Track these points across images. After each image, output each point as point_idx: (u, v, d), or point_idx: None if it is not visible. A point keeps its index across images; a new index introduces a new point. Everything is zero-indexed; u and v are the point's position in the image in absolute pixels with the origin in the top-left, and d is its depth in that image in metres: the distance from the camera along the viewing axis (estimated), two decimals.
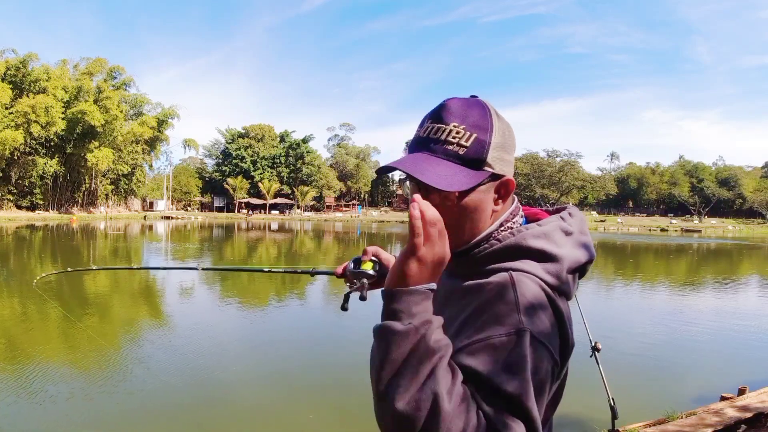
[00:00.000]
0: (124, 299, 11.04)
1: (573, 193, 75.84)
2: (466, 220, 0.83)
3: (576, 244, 0.87)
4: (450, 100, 0.84)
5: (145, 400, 5.13)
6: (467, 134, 0.81)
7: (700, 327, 9.29)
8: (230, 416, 4.78)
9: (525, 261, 0.81)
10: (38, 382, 5.47)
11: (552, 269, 0.81)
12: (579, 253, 0.86)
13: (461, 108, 0.83)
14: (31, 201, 54.44)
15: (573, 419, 4.62)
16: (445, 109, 0.83)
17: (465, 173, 0.80)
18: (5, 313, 9.03)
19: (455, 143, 0.81)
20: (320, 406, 5.24)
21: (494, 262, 0.82)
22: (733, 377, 5.86)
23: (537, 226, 0.85)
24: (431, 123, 0.84)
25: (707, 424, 3.86)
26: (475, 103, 0.84)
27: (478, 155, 0.81)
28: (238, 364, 6.58)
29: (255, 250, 25.24)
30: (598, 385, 2.68)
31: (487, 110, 0.83)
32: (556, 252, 0.83)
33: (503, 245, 0.83)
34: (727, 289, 15.18)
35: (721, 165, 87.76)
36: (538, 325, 0.75)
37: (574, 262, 0.85)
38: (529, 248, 0.82)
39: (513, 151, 0.87)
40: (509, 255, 0.82)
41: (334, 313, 10.29)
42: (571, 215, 0.91)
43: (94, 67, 57.29)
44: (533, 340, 0.73)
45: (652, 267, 21.29)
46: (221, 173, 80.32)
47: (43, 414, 4.70)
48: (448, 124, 0.81)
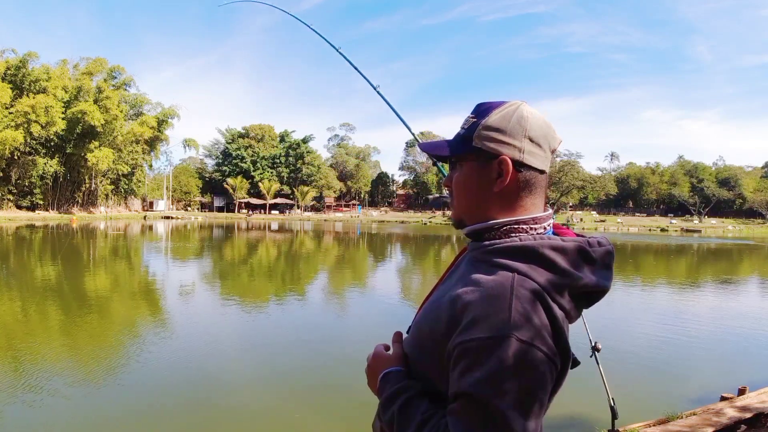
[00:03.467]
0: (123, 299, 11.04)
1: (573, 193, 75.64)
2: (460, 193, 0.94)
3: (592, 271, 0.85)
4: (481, 103, 0.95)
5: (144, 401, 5.14)
6: (470, 119, 0.93)
7: (700, 327, 9.30)
8: (230, 417, 4.78)
9: (534, 267, 0.82)
10: (38, 382, 5.48)
11: (557, 282, 0.82)
12: (591, 279, 0.85)
13: (485, 104, 0.93)
14: (31, 201, 54.44)
15: (573, 419, 4.62)
16: (475, 108, 0.95)
17: (453, 148, 0.94)
18: (5, 312, 9.02)
19: (461, 128, 0.94)
20: (319, 406, 5.24)
21: (506, 258, 0.84)
22: (733, 377, 5.86)
23: (560, 240, 0.86)
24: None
25: (707, 424, 3.86)
26: (501, 102, 0.92)
27: (468, 133, 0.91)
28: (238, 364, 6.58)
29: (255, 250, 25.24)
30: (598, 385, 2.68)
31: (502, 104, 0.91)
32: (568, 269, 0.83)
33: (521, 245, 0.84)
34: (727, 289, 15.18)
35: (721, 165, 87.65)
36: (529, 329, 0.75)
37: (582, 285, 0.84)
38: (543, 256, 0.82)
39: (520, 137, 0.88)
40: (522, 256, 0.83)
41: (334, 313, 10.30)
42: (600, 245, 0.89)
43: (94, 67, 57.28)
44: (521, 343, 0.74)
45: (652, 267, 21.29)
46: (221, 173, 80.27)
47: (42, 414, 4.70)
48: (469, 115, 0.95)
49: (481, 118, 0.91)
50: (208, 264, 19.19)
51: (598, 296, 0.88)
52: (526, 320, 0.75)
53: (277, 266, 19.30)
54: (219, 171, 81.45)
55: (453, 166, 0.96)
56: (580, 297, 0.85)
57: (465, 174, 0.92)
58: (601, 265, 0.87)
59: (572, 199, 79.89)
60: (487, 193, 0.89)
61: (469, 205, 0.92)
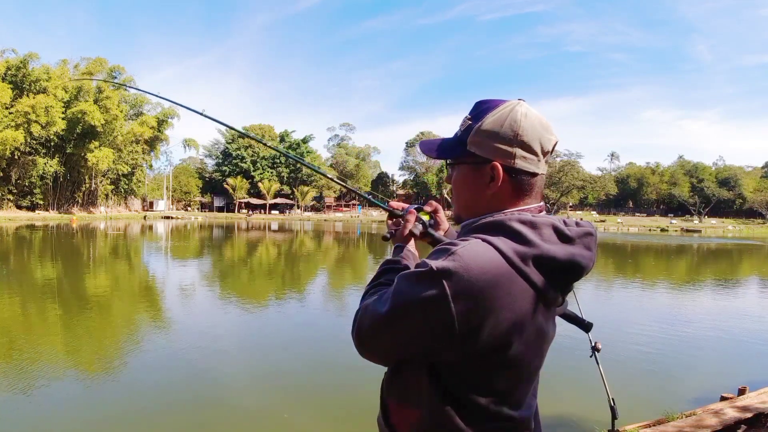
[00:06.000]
0: (123, 298, 11.04)
1: (573, 193, 75.65)
2: (457, 193, 0.99)
3: (563, 247, 0.86)
4: (478, 102, 0.97)
5: (144, 401, 5.13)
6: (465, 122, 0.96)
7: (700, 327, 9.29)
8: (229, 417, 4.78)
9: (502, 238, 0.84)
10: (37, 382, 5.47)
11: (520, 250, 0.82)
12: (562, 252, 0.85)
13: (482, 104, 0.96)
14: (31, 201, 54.42)
15: (573, 419, 4.62)
16: (473, 107, 0.98)
17: (449, 151, 0.98)
18: (5, 312, 9.02)
19: (459, 129, 0.98)
20: (314, 406, 5.24)
21: (477, 232, 0.88)
22: (733, 377, 5.85)
23: (529, 215, 0.88)
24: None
25: (707, 424, 3.85)
26: (498, 101, 0.95)
27: (462, 137, 0.95)
28: (236, 364, 6.57)
29: (255, 250, 25.23)
30: (598, 385, 2.68)
31: (498, 106, 0.93)
32: (534, 240, 0.84)
33: (489, 220, 0.89)
34: (727, 289, 15.18)
35: (721, 165, 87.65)
36: (458, 279, 0.78)
37: (549, 257, 0.84)
38: (509, 228, 0.85)
39: (512, 143, 0.91)
40: (489, 229, 0.87)
41: (334, 313, 10.29)
42: (579, 225, 0.91)
43: (94, 67, 57.22)
44: (435, 280, 0.79)
45: (652, 267, 21.27)
46: (221, 173, 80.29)
47: (42, 414, 4.70)
48: (466, 117, 0.98)
49: (477, 121, 0.93)
50: (207, 264, 19.18)
51: (573, 274, 0.88)
52: (463, 270, 0.78)
53: (277, 266, 19.29)
54: (219, 171, 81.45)
55: (451, 165, 1.00)
56: (553, 271, 0.85)
57: (461, 175, 0.97)
58: (578, 244, 0.88)
59: (572, 199, 79.88)
60: (481, 194, 0.93)
61: (465, 204, 0.97)
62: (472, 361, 0.84)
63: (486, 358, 0.84)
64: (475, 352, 0.82)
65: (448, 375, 0.86)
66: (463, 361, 0.84)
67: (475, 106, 0.96)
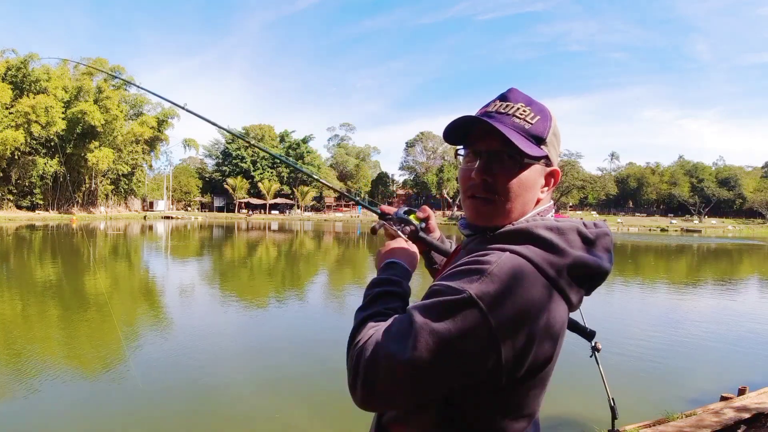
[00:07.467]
0: (123, 298, 11.03)
1: (573, 193, 75.59)
2: (518, 196, 0.86)
3: (589, 251, 0.83)
4: (515, 89, 0.92)
5: (143, 401, 5.13)
6: (533, 114, 0.87)
7: (700, 327, 9.29)
8: (229, 417, 4.78)
9: (529, 247, 0.79)
10: (36, 382, 5.47)
11: (554, 261, 0.78)
12: (589, 259, 0.81)
13: (526, 96, 0.91)
14: (31, 201, 54.41)
15: (573, 419, 4.62)
16: (512, 93, 0.90)
17: (530, 145, 0.85)
18: (5, 312, 9.02)
19: (522, 119, 0.87)
20: (318, 406, 5.24)
21: (501, 243, 0.82)
22: (733, 377, 5.85)
23: (554, 221, 0.85)
24: (499, 101, 0.90)
25: (707, 424, 3.85)
26: (535, 99, 0.92)
27: (540, 133, 0.86)
28: (236, 365, 6.57)
29: (255, 250, 25.22)
30: (598, 385, 2.67)
31: (545, 106, 0.91)
32: (563, 247, 0.80)
33: (515, 228, 0.83)
34: (727, 290, 15.17)
35: (721, 165, 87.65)
36: (499, 306, 0.72)
37: (582, 265, 0.80)
38: (537, 236, 0.80)
39: (560, 147, 0.92)
40: (516, 238, 0.82)
41: (334, 313, 10.29)
42: (597, 226, 0.87)
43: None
44: (475, 310, 0.71)
45: (652, 267, 21.27)
46: (221, 173, 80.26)
47: (42, 414, 4.70)
48: (516, 103, 0.88)
49: (544, 119, 0.88)
50: (207, 264, 19.17)
51: (599, 279, 0.84)
52: (502, 293, 0.72)
53: (277, 267, 19.28)
54: (219, 171, 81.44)
55: (489, 156, 0.86)
56: (582, 279, 0.81)
57: (535, 173, 0.87)
58: (599, 247, 0.85)
59: (572, 199, 79.83)
60: (535, 198, 0.90)
61: (522, 206, 0.87)
62: (506, 389, 0.77)
63: (523, 383, 0.78)
64: (514, 380, 0.76)
65: (467, 405, 0.79)
66: (494, 390, 0.77)
67: (527, 99, 0.90)
